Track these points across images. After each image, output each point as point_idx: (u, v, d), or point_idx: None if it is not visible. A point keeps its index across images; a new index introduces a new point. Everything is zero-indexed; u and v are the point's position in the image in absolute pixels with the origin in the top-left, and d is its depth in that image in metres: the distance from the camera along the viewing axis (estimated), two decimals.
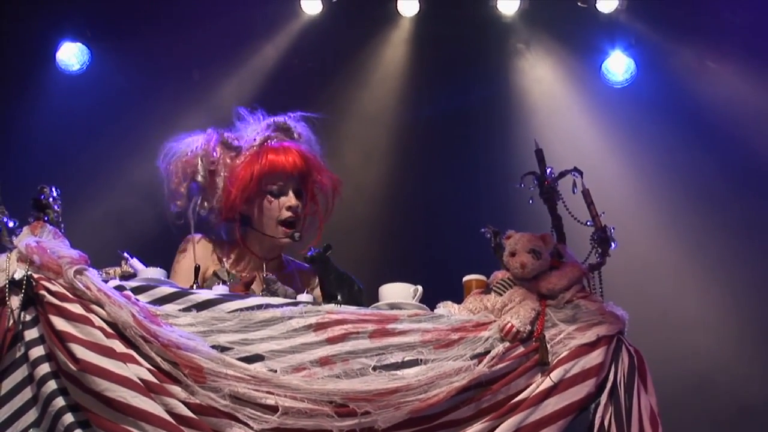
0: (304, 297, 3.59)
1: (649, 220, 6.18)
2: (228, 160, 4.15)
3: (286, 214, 4.15)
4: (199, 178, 4.11)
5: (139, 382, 3.24)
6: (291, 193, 4.16)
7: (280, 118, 4.25)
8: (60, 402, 3.26)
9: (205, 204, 4.15)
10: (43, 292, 3.31)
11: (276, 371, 3.31)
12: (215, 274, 4.07)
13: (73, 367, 3.22)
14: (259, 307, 3.44)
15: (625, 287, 5.03)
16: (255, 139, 4.18)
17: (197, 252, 4.12)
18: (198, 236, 4.19)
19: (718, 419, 5.90)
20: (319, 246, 3.85)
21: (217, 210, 4.16)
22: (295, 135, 4.25)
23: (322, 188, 4.28)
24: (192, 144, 4.16)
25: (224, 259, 4.17)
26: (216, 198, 4.14)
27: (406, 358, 3.39)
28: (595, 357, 3.47)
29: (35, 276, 3.33)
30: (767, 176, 6.10)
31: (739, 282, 6.05)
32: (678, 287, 6.11)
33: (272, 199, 4.15)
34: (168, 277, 3.63)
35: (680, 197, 6.19)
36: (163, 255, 4.04)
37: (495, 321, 3.50)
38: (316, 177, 4.23)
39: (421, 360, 3.39)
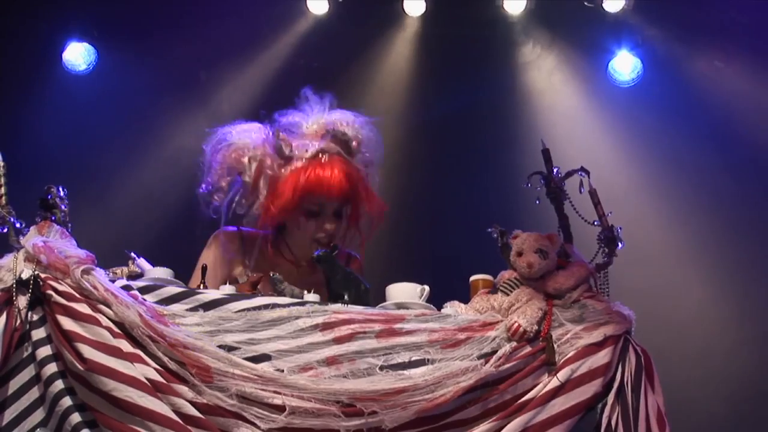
0: (310, 297, 3.59)
1: (656, 220, 6.17)
2: (276, 167, 4.09)
3: (321, 235, 4.13)
4: (246, 178, 4.09)
5: (146, 381, 3.24)
6: (331, 215, 4.13)
7: (341, 125, 4.17)
8: (67, 402, 3.26)
9: (243, 202, 4.14)
10: (50, 291, 3.31)
11: (283, 371, 3.31)
12: (235, 280, 4.00)
13: (80, 367, 3.22)
14: (266, 306, 3.44)
15: (632, 287, 5.04)
16: (307, 150, 4.11)
17: (223, 249, 4.12)
18: (227, 232, 4.18)
19: (726, 419, 5.89)
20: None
21: (254, 217, 4.15)
22: (353, 144, 4.17)
23: (365, 212, 4.23)
24: (245, 138, 4.13)
25: (248, 260, 4.16)
26: (255, 206, 4.12)
27: (413, 358, 3.38)
28: (602, 357, 3.46)
29: (42, 276, 3.33)
30: None
31: (747, 281, 6.04)
32: (685, 286, 6.10)
33: (311, 217, 4.12)
34: (176, 276, 3.63)
35: (687, 197, 6.18)
36: (170, 255, 4.04)
37: (502, 321, 3.50)
38: (359, 202, 4.18)
39: (428, 360, 3.38)
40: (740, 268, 6.06)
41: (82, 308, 3.30)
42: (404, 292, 3.62)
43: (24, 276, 3.32)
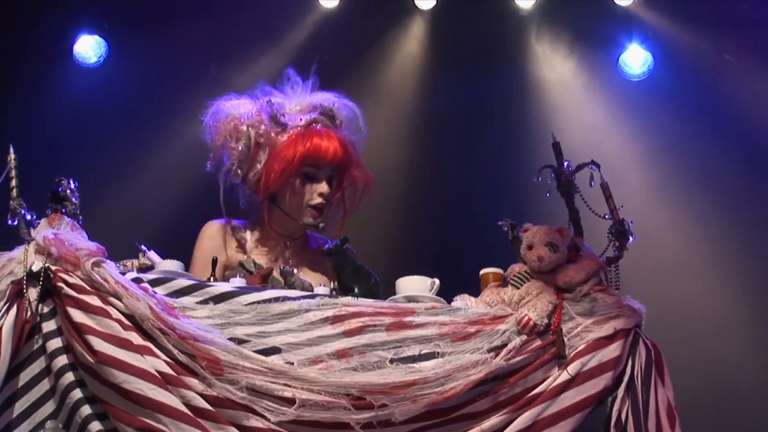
0: (321, 290, 3.59)
1: (666, 214, 6.16)
2: (273, 135, 4.15)
3: (317, 199, 4.14)
4: (242, 147, 4.12)
5: (156, 374, 3.24)
6: (324, 180, 4.16)
7: (326, 103, 4.26)
8: (77, 394, 3.27)
9: (239, 172, 4.15)
10: (60, 284, 3.32)
11: (293, 364, 3.31)
12: (241, 264, 4.07)
13: (90, 359, 3.23)
14: (276, 299, 3.44)
15: (642, 280, 5.03)
16: (301, 119, 4.18)
17: (214, 242, 4.14)
18: (214, 224, 4.20)
19: (736, 411, 5.88)
20: (338, 237, 3.86)
21: (252, 183, 4.17)
22: (338, 122, 4.25)
23: (354, 182, 4.27)
24: (241, 108, 4.19)
25: (246, 243, 4.17)
26: (254, 172, 4.15)
27: (423, 351, 3.39)
28: (613, 350, 3.46)
29: (53, 268, 3.33)
30: None
31: (755, 273, 6.03)
32: (695, 280, 6.09)
33: (306, 181, 4.14)
34: (186, 269, 3.63)
35: (698, 191, 6.17)
36: (180, 247, 4.05)
37: (512, 314, 3.50)
38: (351, 170, 4.23)
39: (438, 353, 3.39)
40: (752, 259, 6.05)
41: (93, 300, 3.30)
42: (414, 285, 3.62)
43: (35, 268, 3.33)
